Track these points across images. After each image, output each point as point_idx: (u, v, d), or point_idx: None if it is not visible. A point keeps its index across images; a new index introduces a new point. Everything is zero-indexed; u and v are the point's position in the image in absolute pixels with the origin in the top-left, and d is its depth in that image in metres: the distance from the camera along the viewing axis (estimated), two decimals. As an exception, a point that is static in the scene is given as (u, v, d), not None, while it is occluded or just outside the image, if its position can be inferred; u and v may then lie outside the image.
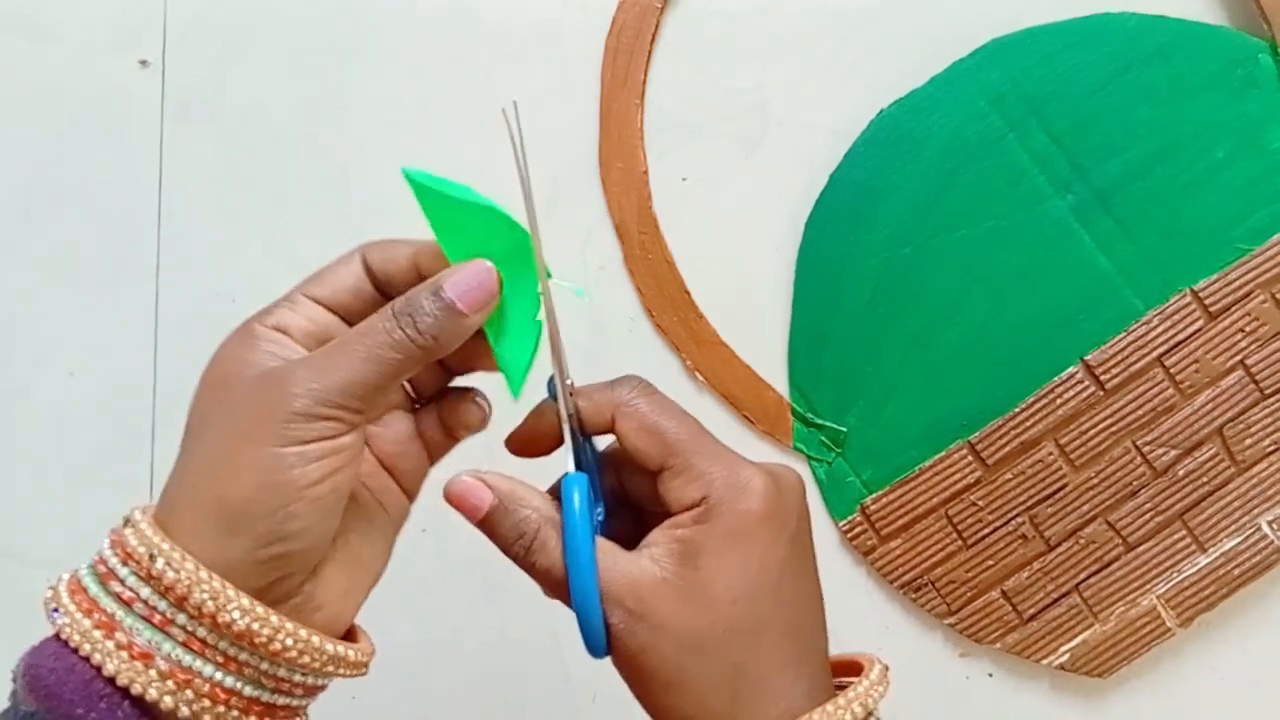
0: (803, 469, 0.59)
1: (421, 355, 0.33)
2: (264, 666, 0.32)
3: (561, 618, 0.35)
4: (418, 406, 0.38)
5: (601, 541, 0.34)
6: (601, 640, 0.33)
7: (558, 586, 0.34)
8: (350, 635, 0.36)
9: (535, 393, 0.37)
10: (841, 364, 0.58)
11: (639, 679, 0.34)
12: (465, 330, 0.34)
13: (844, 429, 0.58)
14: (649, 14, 0.59)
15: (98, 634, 0.31)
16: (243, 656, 0.32)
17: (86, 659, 0.31)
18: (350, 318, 0.35)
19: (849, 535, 0.59)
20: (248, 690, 0.32)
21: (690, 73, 0.60)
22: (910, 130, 0.58)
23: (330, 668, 0.34)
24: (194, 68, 0.60)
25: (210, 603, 0.31)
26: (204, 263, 0.60)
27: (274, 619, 0.31)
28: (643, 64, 0.59)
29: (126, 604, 0.31)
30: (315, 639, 0.33)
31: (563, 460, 0.36)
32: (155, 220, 0.61)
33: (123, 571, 0.31)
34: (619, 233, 0.59)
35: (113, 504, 0.34)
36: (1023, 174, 0.57)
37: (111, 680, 0.31)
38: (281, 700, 0.33)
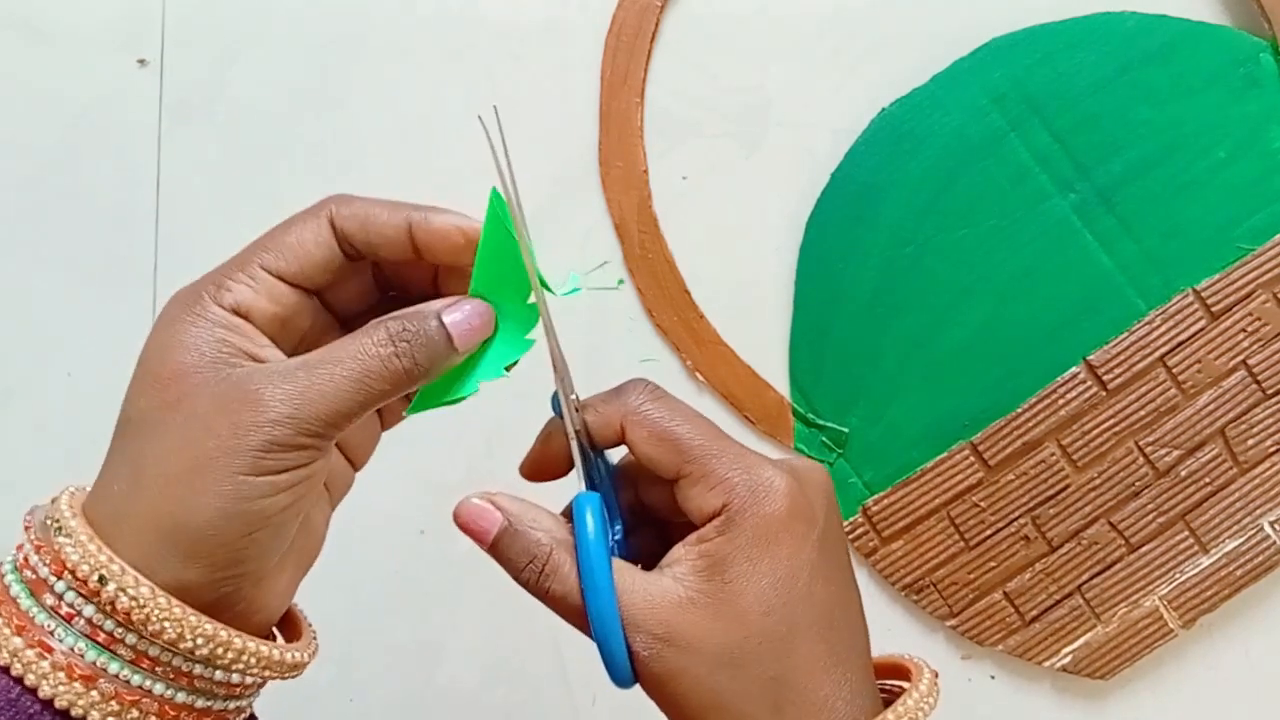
0: (804, 469, 0.59)
1: (407, 386, 0.31)
2: (218, 676, 0.31)
3: (561, 619, 0.34)
4: None
5: (619, 563, 0.32)
6: (627, 669, 0.32)
7: (574, 614, 0.33)
8: (290, 621, 0.35)
9: (539, 409, 0.36)
10: (843, 364, 0.58)
11: (673, 705, 0.32)
12: (451, 365, 0.32)
13: (845, 429, 0.58)
14: (649, 13, 0.59)
15: (30, 653, 0.29)
16: (197, 670, 0.30)
17: (19, 680, 0.29)
18: (317, 290, 0.33)
19: (850, 537, 0.58)
20: (200, 703, 0.31)
21: (690, 72, 0.59)
22: (912, 129, 0.58)
23: (288, 674, 0.33)
24: (192, 67, 0.60)
25: (172, 630, 0.29)
26: (202, 263, 0.59)
27: (237, 642, 0.30)
28: (643, 63, 0.59)
29: (65, 620, 0.29)
30: (275, 653, 0.32)
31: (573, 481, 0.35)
32: (153, 220, 0.60)
33: (59, 586, 0.29)
34: (619, 232, 0.59)
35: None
36: (1025, 173, 0.57)
37: (48, 701, 0.29)
38: (234, 705, 0.32)
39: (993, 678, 0.59)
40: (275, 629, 0.35)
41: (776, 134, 0.59)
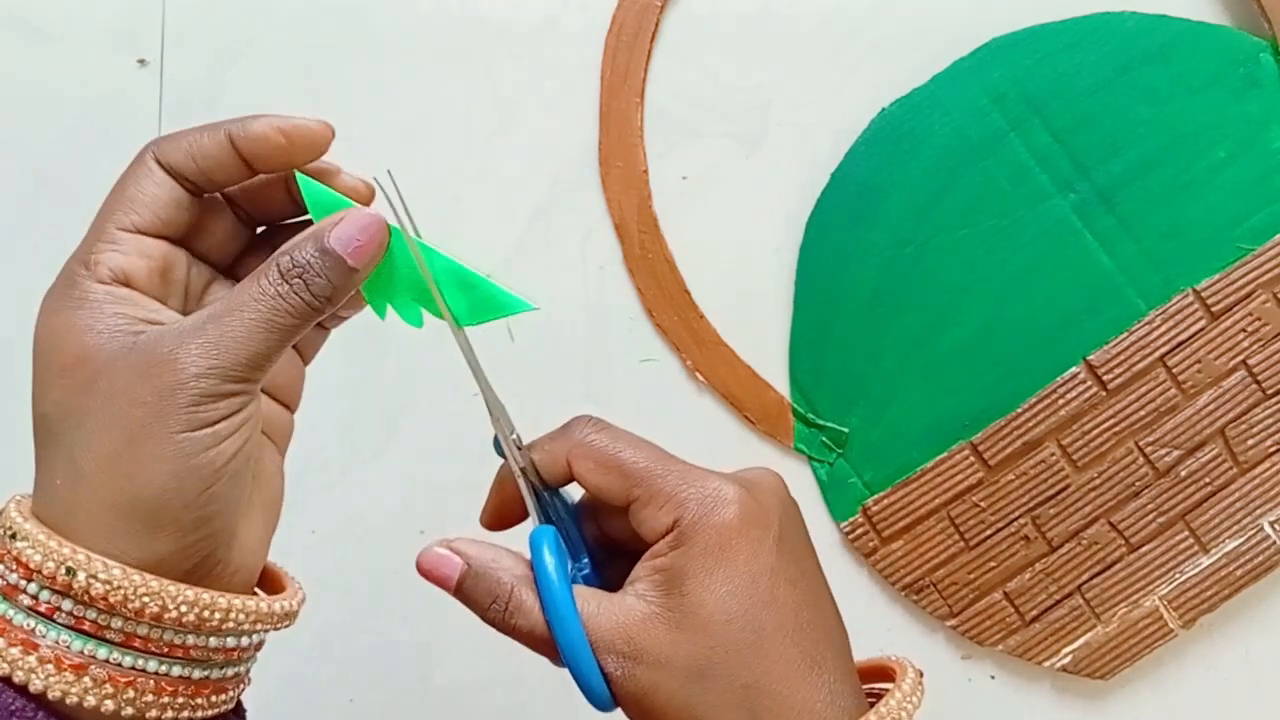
0: (804, 470, 0.59)
1: (315, 316, 0.31)
2: (212, 643, 0.31)
3: (535, 653, 0.34)
4: None
5: (581, 590, 0.33)
6: (604, 692, 0.32)
7: (544, 645, 0.33)
8: (272, 578, 0.35)
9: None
10: (843, 364, 0.58)
11: None
12: (356, 285, 0.32)
13: (845, 429, 0.58)
14: (649, 13, 0.59)
15: (15, 651, 0.29)
16: (190, 640, 0.31)
17: (6, 679, 0.29)
18: (178, 234, 0.33)
19: (850, 537, 0.58)
20: (196, 674, 0.31)
21: (690, 72, 0.59)
22: (912, 129, 0.58)
23: (280, 624, 0.33)
24: (192, 67, 0.60)
25: (154, 604, 0.29)
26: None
27: (221, 601, 0.30)
28: (643, 63, 0.59)
29: (46, 616, 0.29)
30: (263, 605, 0.32)
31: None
32: (154, 220, 0.60)
33: (31, 588, 0.29)
34: (619, 232, 0.59)
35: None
36: (1025, 173, 0.57)
37: (38, 697, 0.29)
38: (231, 671, 0.32)
39: (993, 678, 0.59)
40: (258, 590, 0.35)
41: (776, 134, 0.59)
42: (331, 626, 0.59)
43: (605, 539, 0.36)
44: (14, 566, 0.30)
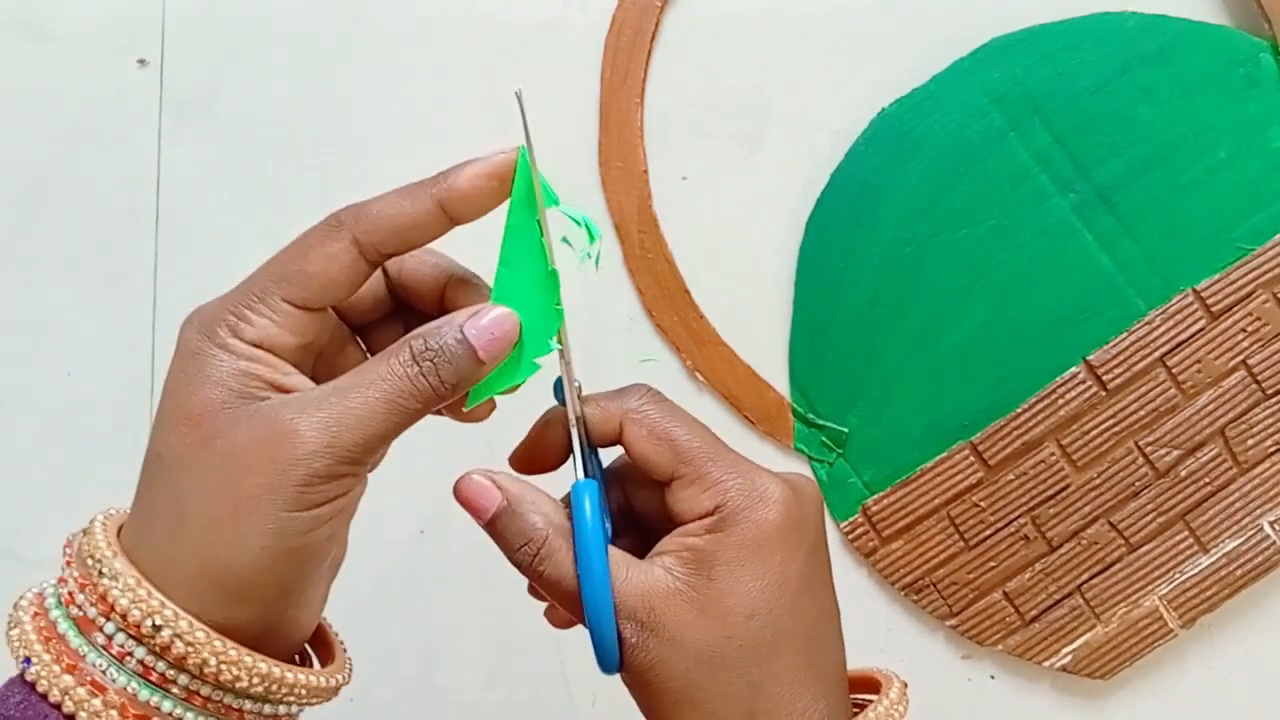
0: (804, 470, 0.59)
1: (436, 403, 0.31)
2: (266, 710, 0.31)
3: (552, 600, 0.34)
4: None
5: (614, 550, 0.33)
6: (615, 655, 0.32)
7: (567, 597, 0.33)
8: (323, 639, 0.35)
9: (537, 408, 0.36)
10: (843, 364, 0.58)
11: (649, 695, 0.32)
12: (478, 379, 0.32)
13: (845, 429, 0.58)
14: (649, 13, 0.59)
15: (82, 691, 0.29)
16: (247, 706, 0.31)
17: (70, 718, 0.29)
18: (340, 310, 0.33)
19: (850, 536, 0.58)
20: None
21: (690, 72, 0.59)
22: (911, 129, 0.58)
23: (331, 698, 0.33)
24: (193, 68, 0.60)
25: (228, 672, 0.30)
26: (202, 263, 0.60)
27: (289, 676, 0.31)
28: (643, 63, 0.59)
29: (117, 659, 0.29)
30: (322, 680, 0.32)
31: (567, 476, 0.34)
32: (153, 220, 0.60)
33: (109, 628, 0.30)
34: (619, 232, 0.59)
35: (110, 504, 0.34)
36: (1024, 173, 0.57)
37: None
38: None
39: (993, 677, 0.59)
40: (308, 645, 0.35)
41: (776, 134, 0.59)
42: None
43: (626, 508, 0.36)
44: (96, 601, 0.30)
